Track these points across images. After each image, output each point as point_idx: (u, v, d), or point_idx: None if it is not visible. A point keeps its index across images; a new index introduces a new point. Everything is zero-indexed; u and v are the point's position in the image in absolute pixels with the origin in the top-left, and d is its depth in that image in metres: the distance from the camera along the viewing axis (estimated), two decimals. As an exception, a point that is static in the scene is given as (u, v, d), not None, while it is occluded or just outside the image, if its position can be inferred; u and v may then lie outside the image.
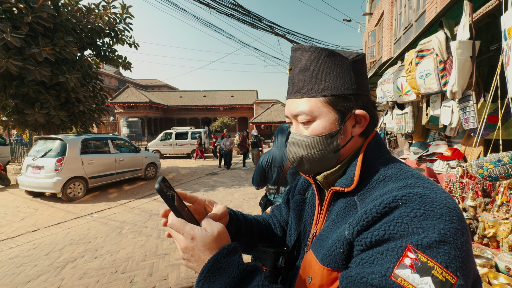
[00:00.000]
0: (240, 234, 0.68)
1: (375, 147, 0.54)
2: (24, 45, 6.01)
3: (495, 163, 1.21)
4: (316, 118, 0.52)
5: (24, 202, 5.90)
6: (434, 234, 0.37)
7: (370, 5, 10.59)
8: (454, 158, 2.45)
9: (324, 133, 0.52)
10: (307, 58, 0.52)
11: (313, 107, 0.51)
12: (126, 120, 24.30)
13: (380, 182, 0.49)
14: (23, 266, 3.10)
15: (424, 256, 0.36)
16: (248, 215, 0.77)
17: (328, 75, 0.51)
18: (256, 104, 28.25)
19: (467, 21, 1.67)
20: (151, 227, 4.28)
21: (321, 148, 0.52)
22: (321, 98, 0.51)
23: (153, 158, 8.59)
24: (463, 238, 0.37)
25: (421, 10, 4.63)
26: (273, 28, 8.69)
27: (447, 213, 0.38)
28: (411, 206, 0.40)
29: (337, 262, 0.45)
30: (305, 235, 0.63)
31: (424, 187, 0.43)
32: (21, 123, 7.32)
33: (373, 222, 0.42)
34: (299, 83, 0.53)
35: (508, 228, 1.59)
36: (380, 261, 0.39)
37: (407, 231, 0.38)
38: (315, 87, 0.51)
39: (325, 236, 0.51)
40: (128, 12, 8.47)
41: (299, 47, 0.54)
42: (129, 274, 2.90)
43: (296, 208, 0.70)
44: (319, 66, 0.51)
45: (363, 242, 0.42)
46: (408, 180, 0.46)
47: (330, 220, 0.53)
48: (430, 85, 2.02)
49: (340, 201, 0.53)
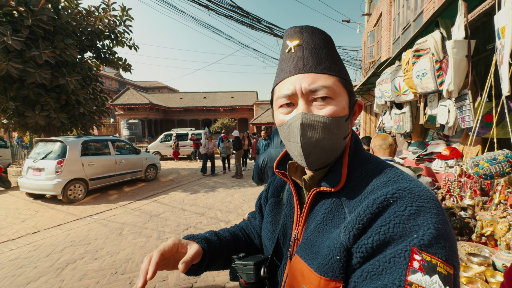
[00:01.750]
0: (215, 257, 0.66)
1: (355, 144, 0.55)
2: (25, 48, 6.05)
3: (490, 161, 1.21)
4: (336, 97, 0.48)
5: (24, 204, 5.91)
6: (431, 229, 0.38)
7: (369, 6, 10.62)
8: (453, 157, 2.46)
9: (342, 114, 0.49)
10: (322, 39, 0.51)
11: (334, 84, 0.48)
12: (127, 122, 24.35)
13: (362, 179, 0.49)
14: (23, 267, 3.11)
15: (428, 255, 0.37)
16: (225, 232, 0.74)
17: (338, 59, 0.52)
18: (256, 105, 28.27)
19: (462, 20, 1.68)
20: (151, 228, 4.29)
21: (336, 132, 0.48)
22: (339, 78, 0.50)
23: (153, 159, 8.60)
24: (449, 227, 0.40)
25: (419, 10, 4.64)
26: (272, 29, 8.71)
27: (433, 206, 0.40)
28: (403, 203, 0.41)
29: (334, 271, 0.43)
30: (285, 238, 0.59)
31: (406, 180, 0.45)
32: (21, 125, 7.34)
33: (368, 223, 0.42)
34: (315, 59, 0.49)
35: (506, 226, 1.60)
36: (389, 270, 0.38)
37: (405, 230, 0.39)
38: (332, 66, 0.49)
39: (313, 241, 0.49)
40: (128, 15, 8.51)
41: (310, 27, 0.51)
42: (129, 275, 2.90)
43: (272, 211, 0.66)
44: (332, 50, 0.51)
45: (364, 248, 0.41)
46: (388, 174, 0.48)
47: (315, 223, 0.51)
48: (427, 84, 2.03)
49: (323, 202, 0.52)
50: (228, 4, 7.34)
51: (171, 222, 4.59)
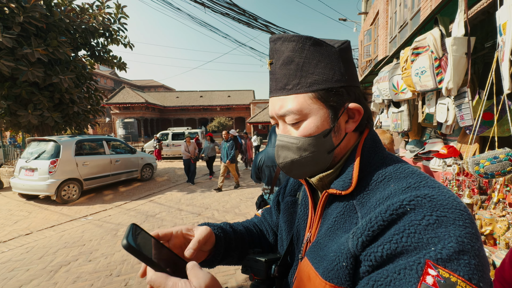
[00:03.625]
0: (230, 249, 0.63)
1: (371, 144, 0.50)
2: (16, 46, 5.92)
3: (491, 160, 1.19)
4: (307, 117, 0.46)
5: (17, 205, 5.80)
6: (452, 243, 0.33)
7: (366, 4, 10.63)
8: (450, 155, 2.45)
9: (317, 132, 0.46)
10: (290, 49, 0.46)
11: (302, 104, 0.46)
12: (122, 121, 24.12)
13: (379, 183, 0.45)
14: (15, 270, 3.03)
15: (446, 271, 0.32)
16: (238, 225, 0.72)
17: (316, 67, 0.46)
18: (253, 104, 28.23)
19: (462, 17, 1.66)
20: (147, 229, 4.24)
21: (314, 149, 0.47)
22: (310, 94, 0.46)
23: (149, 159, 8.51)
24: (479, 243, 0.35)
25: (416, 9, 4.64)
26: (269, 27, 8.67)
27: (459, 217, 0.35)
28: (421, 212, 0.36)
29: (340, 278, 0.41)
30: (298, 240, 0.58)
31: (429, 187, 0.40)
32: (14, 124, 7.21)
33: (380, 231, 0.38)
34: (283, 78, 0.47)
35: (505, 225, 1.59)
36: (398, 282, 0.34)
37: (422, 241, 0.34)
38: (302, 81, 0.46)
39: (323, 245, 0.47)
40: (122, 12, 8.39)
41: (280, 37, 0.48)
42: (124, 277, 2.85)
43: (287, 211, 0.65)
44: (304, 57, 0.46)
45: (373, 257, 0.37)
46: (409, 179, 0.42)
47: (327, 226, 0.49)
48: (426, 82, 2.01)
49: (336, 205, 0.49)
50: (224, 2, 7.28)
51: (167, 223, 4.54)
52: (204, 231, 0.54)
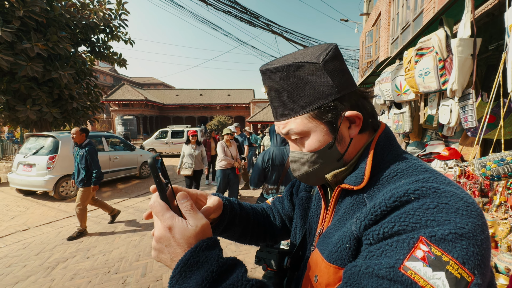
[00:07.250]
0: (233, 224, 0.65)
1: (385, 142, 0.51)
2: (16, 40, 5.87)
3: (498, 162, 1.18)
4: (309, 134, 0.50)
5: (14, 200, 5.76)
6: (450, 226, 0.33)
7: (368, 5, 10.62)
8: (452, 157, 2.45)
9: (321, 146, 0.50)
10: (277, 79, 0.49)
11: (300, 125, 0.50)
12: (121, 118, 24.01)
13: (391, 179, 0.46)
14: (12, 266, 3.01)
15: (438, 250, 0.32)
16: (246, 205, 0.75)
17: (304, 90, 0.48)
18: (253, 103, 28.19)
19: (468, 18, 1.65)
20: (145, 227, 4.21)
21: (323, 161, 0.51)
22: (305, 115, 0.49)
23: (148, 156, 8.46)
24: (483, 236, 0.34)
25: (418, 10, 4.63)
26: (271, 26, 8.64)
27: (464, 207, 0.35)
28: (424, 200, 0.37)
29: (343, 259, 0.43)
30: (310, 233, 0.61)
31: (438, 182, 0.40)
32: (12, 119, 7.15)
33: (382, 216, 0.39)
34: (280, 106, 0.51)
35: (507, 228, 1.58)
36: (389, 253, 0.36)
37: (420, 223, 0.35)
38: (295, 106, 0.49)
39: (331, 234, 0.49)
40: (123, 8, 8.34)
41: (267, 70, 0.50)
42: (122, 274, 2.83)
43: (302, 206, 0.68)
44: (291, 84, 0.48)
45: (371, 235, 0.39)
46: (421, 175, 0.42)
47: (337, 217, 0.51)
48: (429, 83, 2.00)
49: (348, 199, 0.51)
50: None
51: (166, 220, 4.52)
52: (216, 201, 0.58)
